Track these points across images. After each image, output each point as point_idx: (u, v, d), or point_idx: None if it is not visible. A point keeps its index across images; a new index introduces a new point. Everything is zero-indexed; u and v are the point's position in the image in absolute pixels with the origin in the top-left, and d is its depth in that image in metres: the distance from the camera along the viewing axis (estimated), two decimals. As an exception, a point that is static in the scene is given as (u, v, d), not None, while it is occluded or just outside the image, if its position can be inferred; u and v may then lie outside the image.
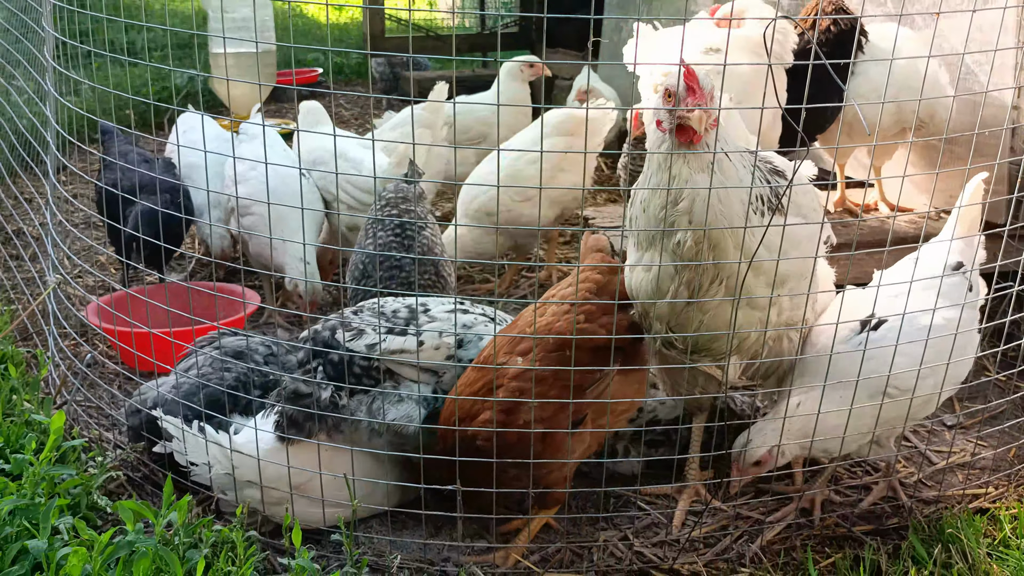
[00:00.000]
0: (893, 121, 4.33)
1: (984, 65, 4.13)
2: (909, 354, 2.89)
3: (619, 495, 3.35)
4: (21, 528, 2.56)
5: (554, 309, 2.95)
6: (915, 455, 3.57)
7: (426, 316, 3.18)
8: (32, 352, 4.00)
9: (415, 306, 3.19)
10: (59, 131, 3.64)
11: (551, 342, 2.87)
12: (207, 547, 2.69)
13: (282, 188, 3.91)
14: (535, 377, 2.79)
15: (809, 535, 3.09)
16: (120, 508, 2.58)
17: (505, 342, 2.94)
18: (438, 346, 3.12)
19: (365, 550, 2.99)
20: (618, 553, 3.03)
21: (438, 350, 3.12)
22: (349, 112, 8.49)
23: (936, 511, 3.20)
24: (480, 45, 9.75)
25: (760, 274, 2.75)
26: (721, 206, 2.65)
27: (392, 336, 3.08)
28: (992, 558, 2.93)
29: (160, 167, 4.62)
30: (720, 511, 3.20)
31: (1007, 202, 3.98)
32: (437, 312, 3.21)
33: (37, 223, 5.25)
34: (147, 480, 3.29)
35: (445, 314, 3.18)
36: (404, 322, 3.14)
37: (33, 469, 2.79)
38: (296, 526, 2.68)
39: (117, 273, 5.05)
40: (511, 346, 2.92)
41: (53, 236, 3.98)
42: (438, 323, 3.16)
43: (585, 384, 2.87)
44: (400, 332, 3.10)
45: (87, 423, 3.57)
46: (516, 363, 2.86)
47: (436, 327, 3.14)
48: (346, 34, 12.01)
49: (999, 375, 3.80)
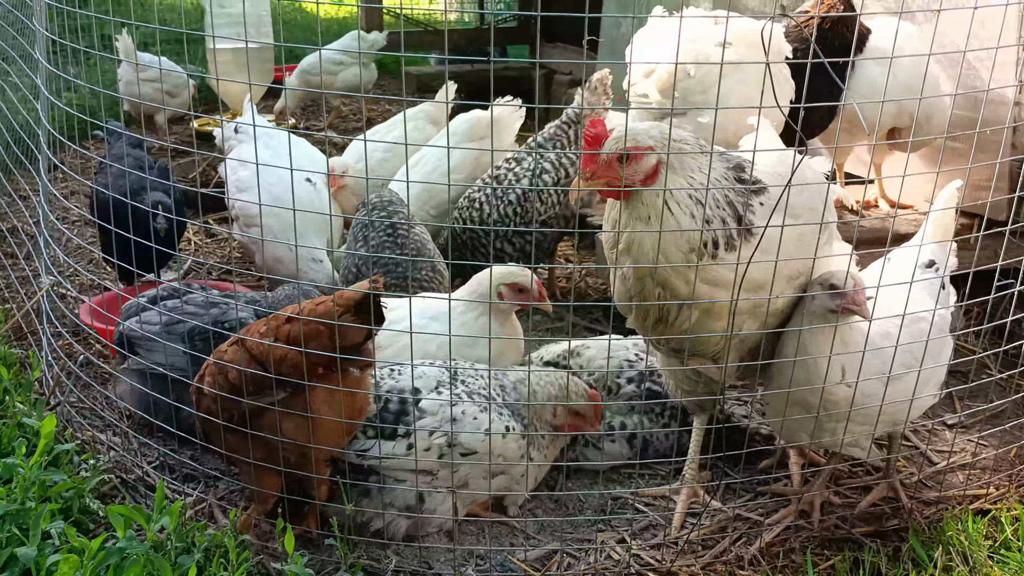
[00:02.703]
0: (891, 123, 4.29)
1: (986, 61, 4.08)
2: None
3: (616, 496, 3.32)
4: (11, 534, 2.53)
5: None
6: (915, 455, 3.54)
7: (418, 410, 2.99)
8: (25, 352, 3.97)
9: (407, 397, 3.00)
10: (50, 131, 3.61)
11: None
12: (199, 552, 2.67)
13: (286, 196, 3.81)
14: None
15: (809, 537, 3.06)
16: (111, 514, 2.55)
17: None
18: (428, 447, 2.95)
19: (361, 553, 2.97)
20: (615, 555, 3.00)
21: (428, 451, 2.95)
22: (348, 108, 8.45)
23: (937, 512, 3.17)
24: (479, 40, 9.70)
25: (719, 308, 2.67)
26: (662, 256, 2.57)
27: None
28: (993, 560, 2.90)
29: (156, 172, 4.57)
30: (719, 512, 3.18)
31: (1008, 200, 3.95)
32: (428, 405, 3.01)
33: (31, 221, 5.21)
34: (140, 482, 3.26)
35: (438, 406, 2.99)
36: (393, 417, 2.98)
37: (24, 473, 2.76)
38: (289, 531, 2.65)
39: (111, 272, 5.02)
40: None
41: (45, 236, 3.95)
42: (429, 419, 2.97)
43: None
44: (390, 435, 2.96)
45: (80, 424, 3.54)
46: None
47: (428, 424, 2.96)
48: (345, 29, 11.96)
49: (1001, 374, 3.76)
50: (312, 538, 3.00)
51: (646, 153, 2.56)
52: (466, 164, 4.89)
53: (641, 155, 2.56)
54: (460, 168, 4.84)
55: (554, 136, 4.17)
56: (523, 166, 4.24)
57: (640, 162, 2.56)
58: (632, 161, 2.56)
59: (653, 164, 2.57)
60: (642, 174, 2.57)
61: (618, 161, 2.56)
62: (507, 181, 4.28)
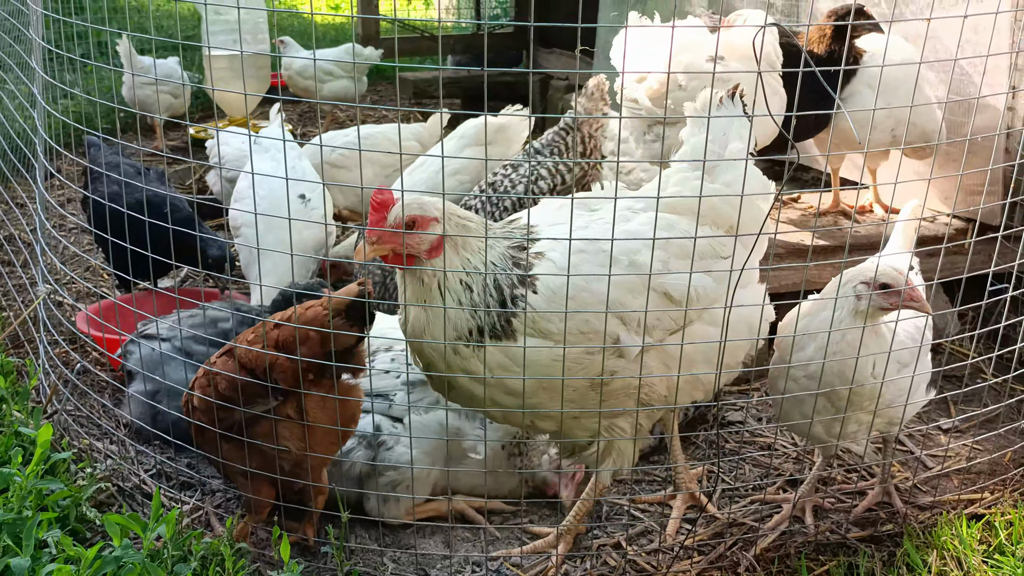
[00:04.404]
0: (887, 141, 4.29)
1: (978, 66, 4.10)
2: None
3: (612, 502, 3.33)
4: (7, 544, 2.54)
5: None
6: (910, 460, 3.55)
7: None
8: (22, 360, 3.98)
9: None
10: (46, 140, 3.62)
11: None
12: (196, 560, 2.67)
13: (271, 211, 3.74)
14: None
15: (804, 542, 3.07)
16: (107, 522, 2.56)
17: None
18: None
19: (357, 560, 2.97)
20: (612, 561, 3.01)
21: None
22: (345, 114, 8.46)
23: (931, 517, 3.18)
24: (475, 46, 9.71)
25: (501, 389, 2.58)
26: (430, 329, 2.54)
27: None
28: (987, 565, 2.91)
29: (153, 178, 4.58)
30: (714, 519, 3.18)
31: (1001, 204, 3.96)
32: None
33: (28, 229, 5.22)
34: (137, 490, 3.26)
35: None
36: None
37: (20, 483, 2.76)
38: (285, 539, 2.66)
39: (108, 280, 5.03)
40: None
41: (42, 244, 3.96)
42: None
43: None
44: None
45: (77, 433, 3.54)
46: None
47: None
48: (343, 34, 11.96)
49: (995, 379, 3.77)
50: (309, 546, 3.01)
51: (431, 223, 2.50)
52: (471, 166, 4.86)
53: (426, 223, 2.50)
54: (466, 170, 4.83)
55: (551, 143, 4.18)
56: (519, 172, 4.25)
57: (425, 230, 2.51)
58: (417, 229, 2.50)
59: (437, 237, 2.51)
60: (427, 244, 2.52)
61: (406, 228, 2.49)
62: (503, 188, 4.29)
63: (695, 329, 2.68)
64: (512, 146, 4.91)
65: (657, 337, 2.61)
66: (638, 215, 2.68)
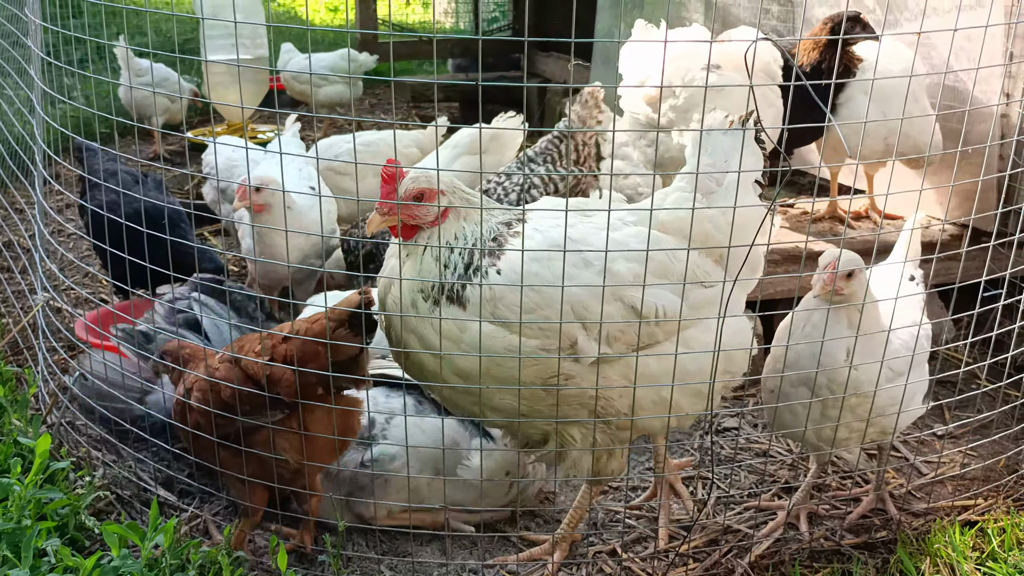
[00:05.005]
0: (881, 149, 4.31)
1: (972, 72, 4.11)
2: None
3: (608, 509, 3.35)
4: (6, 555, 2.55)
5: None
6: (905, 467, 3.57)
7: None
8: (21, 368, 3.99)
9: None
10: (44, 149, 3.63)
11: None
12: (194, 569, 2.69)
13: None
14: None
15: (798, 549, 3.09)
16: (106, 532, 2.57)
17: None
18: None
19: (354, 568, 2.99)
20: (607, 568, 3.03)
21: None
22: (345, 119, 8.47)
23: (925, 524, 3.20)
24: (473, 49, 9.73)
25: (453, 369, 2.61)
26: (399, 283, 2.60)
27: None
28: (980, 572, 2.93)
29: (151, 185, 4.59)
30: (709, 527, 3.20)
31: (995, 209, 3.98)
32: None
33: (27, 235, 5.23)
34: (136, 498, 3.28)
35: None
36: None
37: (20, 492, 2.78)
38: (282, 548, 2.68)
39: (106, 287, 5.04)
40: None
41: (41, 251, 3.97)
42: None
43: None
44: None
45: (76, 441, 3.56)
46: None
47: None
48: (341, 38, 11.98)
49: (989, 386, 3.79)
50: (306, 553, 3.02)
51: (438, 196, 2.60)
52: (465, 175, 4.90)
53: (433, 196, 2.59)
54: (459, 179, 4.87)
55: (545, 151, 4.20)
56: (512, 180, 4.27)
57: (432, 203, 2.60)
58: (425, 201, 2.59)
59: (443, 209, 2.61)
60: (432, 216, 2.61)
61: (414, 200, 2.59)
62: (496, 196, 4.31)
63: (664, 349, 2.67)
64: (507, 152, 4.93)
65: (618, 350, 2.62)
66: (628, 227, 2.70)
